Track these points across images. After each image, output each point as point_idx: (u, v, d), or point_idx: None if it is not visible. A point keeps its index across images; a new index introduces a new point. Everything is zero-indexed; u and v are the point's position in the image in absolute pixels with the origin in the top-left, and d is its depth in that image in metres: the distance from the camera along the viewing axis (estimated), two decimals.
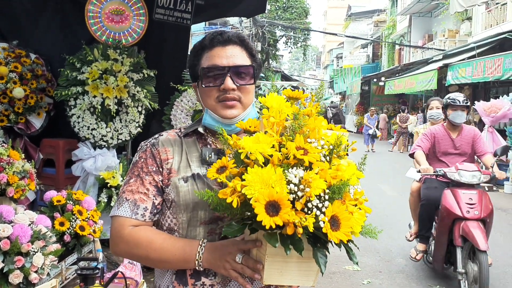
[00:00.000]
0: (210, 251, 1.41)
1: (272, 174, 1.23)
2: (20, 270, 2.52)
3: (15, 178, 3.20)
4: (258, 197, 1.20)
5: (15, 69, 4.38)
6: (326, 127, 1.40)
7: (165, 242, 1.47)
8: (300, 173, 1.24)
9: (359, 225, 1.26)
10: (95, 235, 3.34)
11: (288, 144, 1.29)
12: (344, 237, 1.22)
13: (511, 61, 12.29)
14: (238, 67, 1.56)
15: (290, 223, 1.19)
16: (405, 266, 5.90)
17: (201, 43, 1.62)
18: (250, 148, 1.28)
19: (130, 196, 1.52)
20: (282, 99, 1.43)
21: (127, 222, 1.50)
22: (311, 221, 1.19)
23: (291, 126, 1.35)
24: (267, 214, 1.19)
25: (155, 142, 1.60)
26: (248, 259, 1.35)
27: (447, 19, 23.78)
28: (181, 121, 4.75)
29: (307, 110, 1.41)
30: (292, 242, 1.22)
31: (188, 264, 1.45)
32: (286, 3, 35.14)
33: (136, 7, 4.73)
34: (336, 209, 1.22)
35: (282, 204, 1.19)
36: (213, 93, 1.57)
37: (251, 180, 1.22)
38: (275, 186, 1.21)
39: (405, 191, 11.14)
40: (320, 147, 1.30)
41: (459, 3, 16.38)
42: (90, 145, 4.58)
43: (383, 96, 29.72)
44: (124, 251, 1.54)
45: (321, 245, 1.26)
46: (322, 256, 1.26)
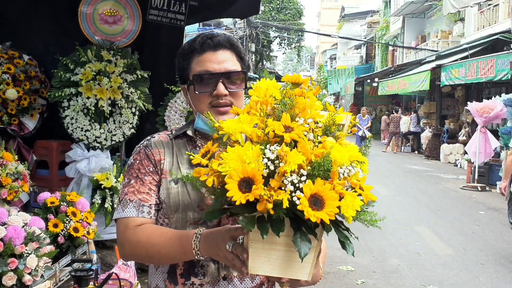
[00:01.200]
0: (206, 240, 1.38)
1: (248, 150, 1.16)
2: (14, 272, 2.51)
3: (9, 180, 3.19)
4: (231, 173, 1.14)
5: (8, 71, 4.36)
6: (321, 107, 1.31)
7: (163, 237, 1.47)
8: (277, 149, 1.16)
9: (351, 209, 1.13)
10: (89, 236, 3.33)
11: (269, 121, 1.23)
12: (325, 216, 1.09)
13: (503, 62, 12.37)
14: (229, 73, 1.57)
15: (263, 199, 1.11)
16: (399, 266, 5.92)
17: (191, 45, 1.61)
18: (229, 128, 1.23)
19: (134, 197, 1.53)
20: (272, 81, 1.34)
21: (133, 222, 1.51)
22: (286, 197, 1.09)
23: (278, 106, 1.29)
24: (239, 191, 1.12)
25: (148, 143, 1.61)
26: (237, 247, 1.27)
27: (440, 20, 23.89)
28: (175, 122, 4.75)
29: (299, 91, 1.34)
30: (272, 225, 1.12)
31: (187, 255, 1.43)
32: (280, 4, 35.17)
33: (130, 8, 4.72)
34: (318, 187, 1.11)
35: (256, 180, 1.13)
36: (205, 99, 1.57)
37: (227, 157, 1.17)
38: (251, 163, 1.14)
39: (399, 191, 11.21)
40: (307, 125, 1.21)
41: (451, 4, 16.45)
42: (83, 146, 4.56)
43: (376, 97, 29.82)
44: (129, 252, 1.53)
45: (307, 230, 1.15)
46: (304, 241, 1.13)
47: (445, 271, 5.76)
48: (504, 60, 12.39)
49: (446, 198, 10.59)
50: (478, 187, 11.56)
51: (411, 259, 6.23)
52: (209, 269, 1.51)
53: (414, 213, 9.02)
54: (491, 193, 11.25)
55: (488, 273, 5.72)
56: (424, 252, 6.52)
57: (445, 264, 6.03)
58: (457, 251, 6.58)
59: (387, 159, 18.42)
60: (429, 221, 8.37)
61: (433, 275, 5.62)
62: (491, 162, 12.09)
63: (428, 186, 11.82)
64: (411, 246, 6.78)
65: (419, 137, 20.66)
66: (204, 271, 1.51)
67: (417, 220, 8.45)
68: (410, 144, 21.76)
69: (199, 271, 1.51)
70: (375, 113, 30.61)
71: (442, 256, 6.36)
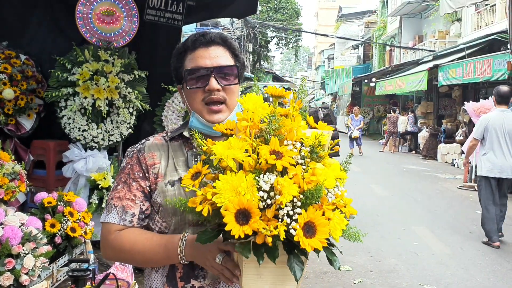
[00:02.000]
0: (192, 246, 1.39)
1: (242, 181, 1.18)
2: (11, 272, 2.50)
3: (5, 180, 3.19)
4: (227, 206, 1.16)
5: (5, 70, 4.35)
6: (306, 126, 1.35)
7: (147, 242, 1.48)
8: (271, 179, 1.19)
9: (339, 230, 1.20)
10: (86, 236, 3.33)
11: (260, 148, 1.24)
12: (319, 244, 1.16)
13: (500, 62, 12.40)
14: (222, 68, 1.56)
15: (260, 233, 1.15)
16: (396, 265, 5.93)
17: (184, 44, 1.62)
18: (221, 154, 1.23)
19: (118, 203, 1.54)
20: (259, 99, 1.36)
21: (114, 228, 1.52)
22: (282, 229, 1.14)
23: (266, 129, 1.29)
24: (237, 223, 1.15)
25: (141, 147, 1.61)
26: (227, 261, 1.32)
27: (437, 20, 23.93)
28: (173, 122, 4.75)
29: (284, 110, 1.35)
30: (266, 250, 1.17)
31: (172, 260, 1.46)
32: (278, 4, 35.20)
33: (127, 8, 4.71)
34: (311, 215, 1.16)
35: (252, 213, 1.15)
36: (198, 95, 1.57)
37: (221, 188, 1.18)
38: (246, 194, 1.17)
39: (396, 191, 11.23)
40: (296, 150, 1.24)
41: (448, 5, 16.48)
42: (81, 146, 4.56)
43: (374, 97, 29.84)
44: (112, 256, 1.58)
45: (298, 251, 1.21)
46: (298, 263, 1.20)
47: (442, 271, 5.77)
48: (501, 60, 12.42)
49: (443, 197, 10.61)
50: (475, 187, 11.56)
51: (408, 258, 6.24)
52: (209, 272, 1.50)
53: (411, 213, 9.03)
54: None
55: (485, 273, 5.73)
56: (421, 251, 6.53)
57: (442, 263, 6.05)
58: (454, 251, 6.59)
59: (385, 159, 18.44)
60: (426, 220, 8.39)
61: (430, 274, 5.63)
62: None
63: (425, 185, 11.83)
64: (409, 246, 6.79)
65: (417, 137, 20.68)
66: (204, 273, 1.50)
67: (414, 219, 8.46)
68: (408, 144, 21.77)
69: (199, 273, 1.51)
70: (373, 113, 30.65)
71: (439, 255, 6.37)
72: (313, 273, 5.49)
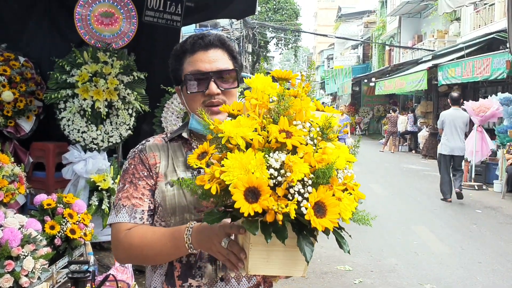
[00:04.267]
0: (198, 233, 1.38)
1: (252, 159, 1.16)
2: (11, 274, 2.50)
3: (5, 182, 3.19)
4: (236, 183, 1.13)
5: (4, 73, 4.36)
6: (314, 108, 1.32)
7: (155, 235, 1.48)
8: (281, 157, 1.16)
9: (349, 211, 1.18)
10: (86, 238, 3.33)
11: (269, 127, 1.22)
12: (329, 224, 1.13)
13: (499, 61, 12.41)
14: (221, 72, 1.57)
15: (271, 210, 1.12)
16: (396, 265, 5.94)
17: (182, 46, 1.62)
18: (230, 132, 1.21)
19: (127, 202, 1.54)
20: (267, 79, 1.34)
21: (124, 227, 1.52)
22: (293, 207, 1.11)
23: (275, 108, 1.27)
24: (246, 201, 1.12)
25: (143, 148, 1.62)
26: (233, 245, 1.28)
27: (436, 20, 23.95)
28: (172, 123, 4.75)
29: (293, 91, 1.33)
30: (275, 230, 1.15)
31: (181, 250, 1.43)
32: (277, 4, 35.21)
33: (126, 10, 4.72)
34: (321, 194, 1.14)
35: (262, 190, 1.13)
36: (198, 98, 1.58)
37: (230, 166, 1.16)
38: (255, 172, 1.14)
39: (396, 191, 11.23)
40: (306, 130, 1.22)
41: (447, 4, 16.48)
42: (80, 148, 4.56)
43: (373, 97, 29.87)
44: (123, 255, 1.56)
45: (308, 233, 1.18)
46: (308, 244, 1.17)
47: (442, 270, 5.78)
48: (500, 59, 12.43)
49: None
50: (475, 186, 11.59)
51: (408, 258, 6.25)
52: (206, 271, 1.51)
53: (411, 212, 9.04)
54: (488, 192, 11.28)
55: (485, 272, 5.74)
56: (421, 251, 6.53)
57: (442, 263, 6.05)
58: (454, 250, 6.60)
59: (385, 158, 18.45)
60: (426, 220, 8.39)
61: (430, 274, 5.64)
62: (487, 161, 12.12)
63: (425, 185, 11.83)
64: (408, 245, 6.80)
65: (416, 137, 20.69)
66: (201, 272, 1.51)
67: (414, 219, 8.47)
68: (407, 143, 21.79)
69: (197, 272, 1.51)
70: (373, 113, 30.66)
71: (439, 255, 6.37)
72: (314, 273, 5.49)
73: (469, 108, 11.34)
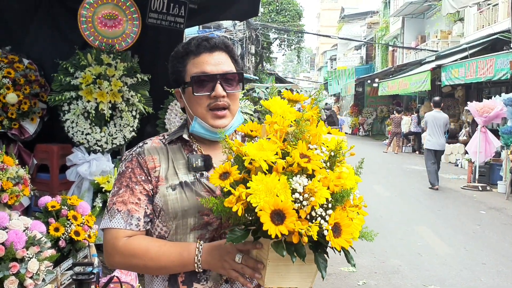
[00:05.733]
0: (208, 252, 1.41)
1: (277, 183, 1.23)
2: (15, 276, 2.51)
3: (9, 184, 3.20)
4: (263, 206, 1.20)
5: (8, 75, 4.37)
6: (326, 131, 1.41)
7: (161, 250, 1.47)
8: (304, 182, 1.24)
9: (358, 230, 1.28)
10: (90, 240, 3.34)
11: (292, 152, 1.29)
12: (345, 244, 1.24)
13: (502, 62, 12.37)
14: (227, 74, 1.57)
15: (295, 232, 1.20)
16: (400, 266, 5.93)
17: (186, 48, 1.61)
18: (254, 155, 1.27)
19: (122, 207, 1.51)
20: (285, 103, 1.42)
21: (121, 234, 1.49)
22: (315, 229, 1.20)
23: (294, 133, 1.35)
24: (272, 223, 1.19)
25: (141, 151, 1.59)
26: (248, 259, 1.33)
27: (439, 20, 23.91)
28: (175, 125, 4.76)
29: (308, 115, 1.40)
30: (295, 248, 1.24)
31: (186, 268, 1.45)
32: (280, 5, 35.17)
33: (129, 12, 4.73)
34: (338, 216, 1.24)
35: (287, 213, 1.20)
36: (204, 101, 1.56)
37: (256, 189, 1.22)
38: (280, 195, 1.21)
39: (399, 192, 11.21)
40: (321, 154, 1.30)
41: (451, 5, 16.46)
42: (84, 150, 4.57)
43: (377, 97, 29.83)
44: (120, 263, 1.53)
45: (322, 250, 1.29)
46: (322, 261, 1.29)
47: (446, 271, 5.77)
48: (503, 60, 12.38)
49: (447, 198, 10.59)
50: (479, 186, 11.55)
51: (412, 259, 6.24)
52: (211, 274, 1.50)
53: (414, 213, 9.02)
54: (492, 193, 11.24)
55: (490, 273, 5.72)
56: (425, 252, 6.52)
57: (446, 264, 6.04)
58: (458, 251, 6.58)
59: (388, 159, 18.41)
60: (430, 221, 8.37)
61: (434, 275, 5.63)
62: (491, 161, 12.08)
63: (428, 186, 11.80)
64: (412, 246, 6.79)
65: (420, 138, 20.61)
66: (206, 276, 1.50)
67: (418, 220, 8.45)
68: (411, 144, 21.73)
69: (202, 276, 1.50)
70: (376, 114, 30.61)
71: (443, 256, 6.36)
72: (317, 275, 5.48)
73: (473, 109, 11.30)
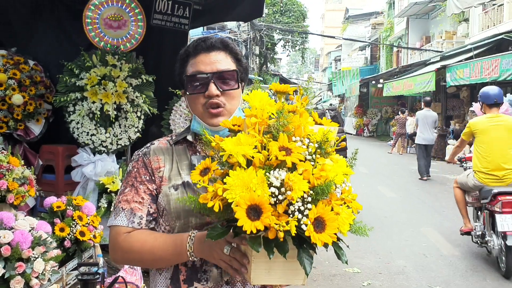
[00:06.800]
0: (200, 241, 1.42)
1: (253, 177, 1.20)
2: (21, 276, 2.53)
3: (15, 185, 3.22)
4: (239, 201, 1.17)
5: (14, 76, 4.40)
6: (313, 123, 1.36)
7: (156, 241, 1.50)
8: (282, 175, 1.20)
9: (347, 224, 1.23)
10: (95, 240, 3.35)
11: (270, 145, 1.25)
12: (329, 239, 1.19)
13: (508, 62, 12.31)
14: (221, 73, 1.57)
15: (272, 228, 1.17)
16: (405, 267, 5.91)
17: (186, 50, 1.63)
18: (231, 150, 1.24)
19: (126, 206, 1.55)
20: (265, 95, 1.37)
21: (123, 231, 1.54)
22: (293, 224, 1.16)
23: (275, 125, 1.31)
24: (248, 219, 1.16)
25: (147, 151, 1.63)
26: (235, 252, 1.33)
27: (444, 20, 23.84)
28: (180, 126, 4.77)
29: (292, 107, 1.36)
30: (276, 244, 1.20)
31: (181, 257, 1.47)
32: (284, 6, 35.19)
33: (134, 13, 4.75)
34: (320, 210, 1.19)
35: (264, 208, 1.17)
36: (199, 100, 1.58)
37: (232, 184, 1.20)
38: (257, 190, 1.18)
39: (404, 192, 11.18)
40: (305, 146, 1.26)
41: (455, 5, 16.41)
42: (89, 150, 4.59)
43: (381, 98, 29.75)
44: (121, 258, 1.59)
45: (307, 246, 1.23)
46: (307, 257, 1.22)
47: (451, 272, 5.75)
48: (508, 60, 12.31)
49: (452, 198, 10.51)
50: None
51: (417, 260, 6.22)
52: (212, 274, 1.52)
53: (419, 214, 8.99)
54: None
55: (495, 275, 5.70)
56: (430, 253, 6.50)
57: (451, 265, 6.02)
58: (463, 252, 6.56)
59: (393, 160, 18.36)
60: (435, 222, 8.35)
61: (439, 276, 5.61)
62: None
63: (433, 186, 11.77)
64: (417, 247, 6.77)
65: None
66: (207, 276, 1.52)
67: (423, 221, 8.43)
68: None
69: (202, 276, 1.52)
70: (381, 115, 30.55)
71: (448, 257, 6.34)
72: (322, 276, 5.49)
73: (478, 110, 11.25)
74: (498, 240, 5.54)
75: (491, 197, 5.61)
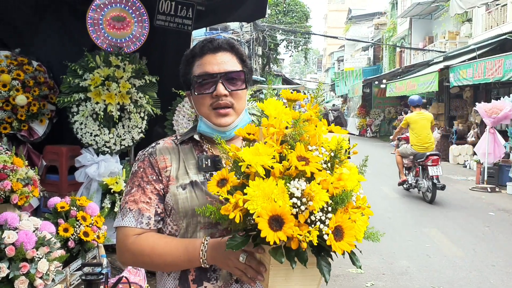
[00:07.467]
0: (214, 248, 1.41)
1: (274, 188, 1.19)
2: (26, 276, 2.53)
3: (19, 185, 3.23)
4: (261, 212, 1.17)
5: (18, 77, 4.41)
6: (326, 131, 1.37)
7: (168, 246, 1.49)
8: (302, 186, 1.21)
9: (362, 231, 1.25)
10: (99, 240, 3.36)
11: (289, 155, 1.25)
12: (348, 247, 1.21)
13: (511, 62, 12.27)
14: (229, 73, 1.58)
15: (295, 238, 1.17)
16: (408, 268, 5.90)
17: (192, 51, 1.64)
18: (250, 161, 1.24)
19: (134, 206, 1.54)
20: (280, 104, 1.38)
21: (132, 232, 1.53)
22: (315, 234, 1.17)
23: (291, 134, 1.32)
24: (270, 229, 1.16)
25: (153, 151, 1.62)
26: (251, 260, 1.33)
27: (447, 21, 23.80)
28: (183, 126, 4.78)
29: (306, 115, 1.37)
30: (296, 253, 1.20)
31: (193, 264, 1.46)
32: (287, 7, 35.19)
33: (138, 14, 4.76)
34: (339, 219, 1.20)
35: (286, 219, 1.17)
36: (206, 101, 1.59)
37: (253, 195, 1.19)
38: (278, 200, 1.18)
39: (407, 193, 11.16)
40: (321, 155, 1.26)
41: (458, 5, 16.38)
42: (93, 151, 4.60)
43: (384, 99, 29.69)
44: (130, 260, 1.57)
45: (325, 254, 1.25)
46: (326, 265, 1.24)
47: (455, 273, 5.73)
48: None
49: (455, 199, 10.53)
50: (488, 188, 11.47)
51: (420, 260, 6.21)
52: (221, 273, 1.51)
53: (422, 215, 8.98)
54: (501, 194, 11.16)
55: (499, 275, 5.69)
56: (433, 253, 6.49)
57: (455, 265, 6.01)
58: (466, 253, 6.54)
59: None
60: (438, 222, 8.33)
61: (442, 276, 5.60)
62: (500, 163, 12.00)
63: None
64: (420, 248, 6.76)
65: None
66: (216, 275, 1.51)
67: (426, 221, 8.41)
68: None
69: (212, 275, 1.51)
70: (384, 115, 30.50)
71: (451, 257, 6.33)
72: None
73: (481, 110, 11.23)
74: (427, 182, 9.77)
75: (425, 157, 9.70)
